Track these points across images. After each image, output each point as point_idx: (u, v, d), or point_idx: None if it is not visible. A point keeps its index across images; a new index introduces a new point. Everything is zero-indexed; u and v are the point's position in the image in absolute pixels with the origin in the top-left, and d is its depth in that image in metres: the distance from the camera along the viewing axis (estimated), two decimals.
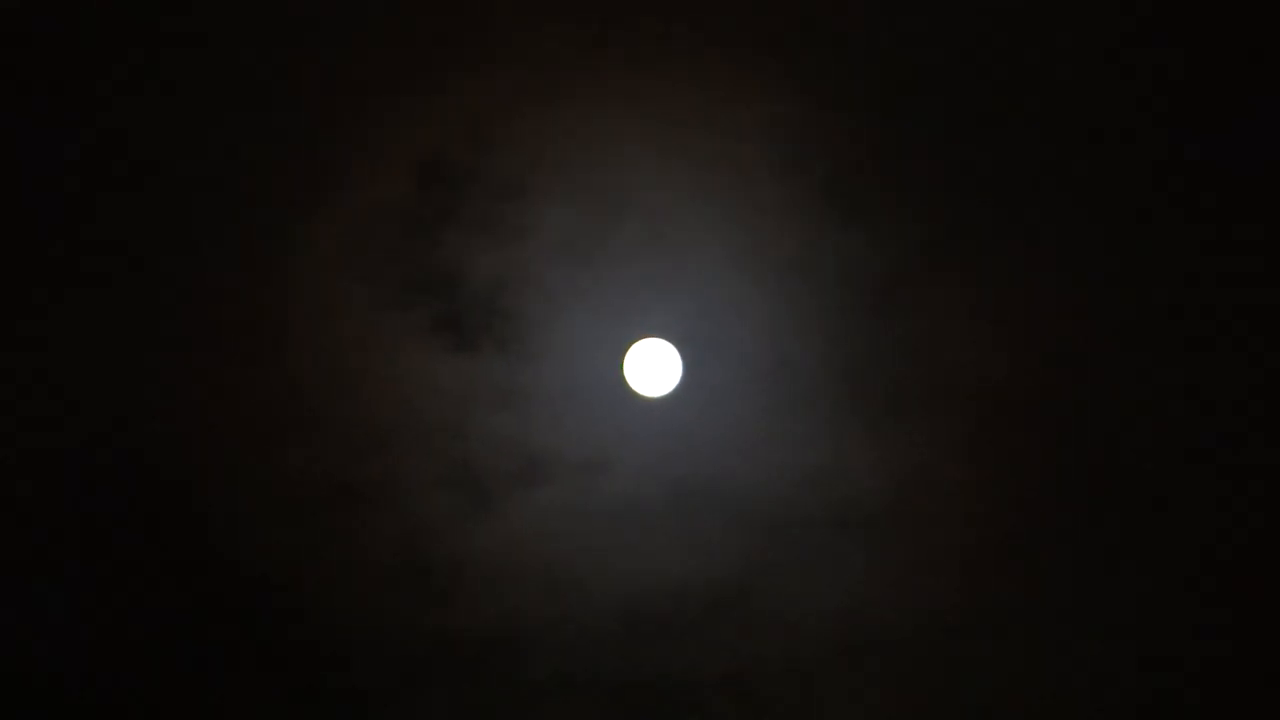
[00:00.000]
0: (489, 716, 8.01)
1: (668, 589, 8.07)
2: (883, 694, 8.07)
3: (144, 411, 7.75)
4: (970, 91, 7.67)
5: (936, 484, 7.97)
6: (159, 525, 7.76)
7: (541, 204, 7.77)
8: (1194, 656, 7.82)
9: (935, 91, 7.68)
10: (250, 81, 7.57)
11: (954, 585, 8.03)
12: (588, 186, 7.74)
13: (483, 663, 7.98)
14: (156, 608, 7.80)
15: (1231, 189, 7.59)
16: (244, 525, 7.85)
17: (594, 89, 7.64)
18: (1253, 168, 7.60)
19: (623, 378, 7.90)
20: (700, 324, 7.87)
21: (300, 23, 7.51)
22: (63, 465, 7.69)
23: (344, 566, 7.95)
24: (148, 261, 7.68)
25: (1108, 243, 7.74)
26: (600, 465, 7.96)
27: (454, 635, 7.99)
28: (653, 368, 7.89)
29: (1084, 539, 7.90)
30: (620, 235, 7.76)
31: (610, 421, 7.98)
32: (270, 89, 7.58)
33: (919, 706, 8.06)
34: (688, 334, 7.89)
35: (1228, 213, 7.62)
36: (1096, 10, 7.51)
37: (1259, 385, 7.72)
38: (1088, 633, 7.91)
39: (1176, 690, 7.84)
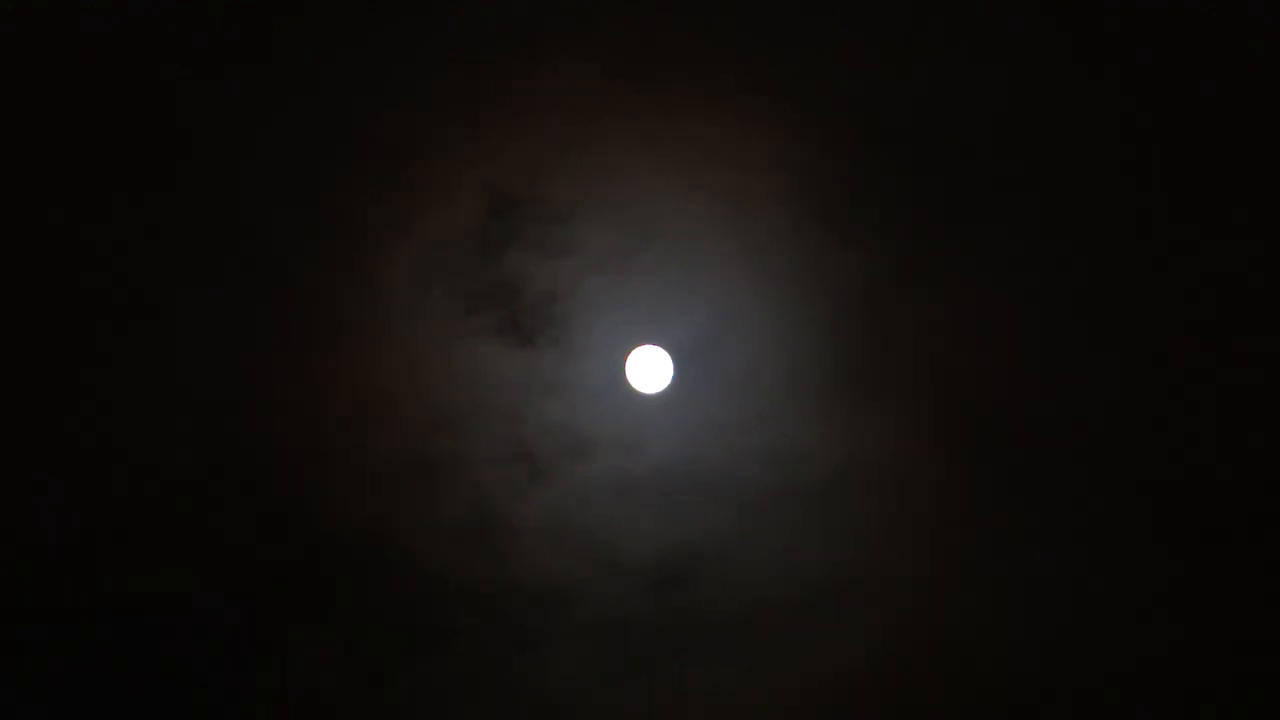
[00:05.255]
0: (538, 649, 8.48)
1: (670, 548, 8.49)
2: (839, 634, 8.41)
3: (263, 396, 8.37)
4: (939, 144, 8.14)
5: (891, 464, 8.34)
6: (271, 490, 8.36)
7: (585, 228, 8.28)
8: (1109, 602, 8.26)
9: (911, 141, 8.15)
10: (357, 130, 8.21)
11: (902, 546, 8.40)
12: (623, 214, 8.26)
13: (534, 604, 8.50)
14: (270, 557, 8.39)
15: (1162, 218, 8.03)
16: (341, 492, 8.40)
17: (629, 136, 8.14)
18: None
19: (625, 377, 8.38)
20: (697, 333, 8.30)
21: (402, 86, 8.17)
22: (195, 442, 8.33)
23: (422, 527, 8.43)
24: (271, 274, 8.33)
25: (1045, 264, 8.21)
26: (622, 447, 8.44)
27: (511, 581, 8.49)
28: (652, 369, 8.36)
29: (1017, 507, 8.31)
30: (648, 254, 8.26)
31: (622, 410, 8.43)
32: (371, 137, 8.22)
33: (869, 645, 8.39)
34: (682, 342, 8.36)
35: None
36: (1045, 73, 7.99)
37: (1164, 383, 8.20)
38: (1019, 584, 8.31)
39: (1093, 631, 8.25)
